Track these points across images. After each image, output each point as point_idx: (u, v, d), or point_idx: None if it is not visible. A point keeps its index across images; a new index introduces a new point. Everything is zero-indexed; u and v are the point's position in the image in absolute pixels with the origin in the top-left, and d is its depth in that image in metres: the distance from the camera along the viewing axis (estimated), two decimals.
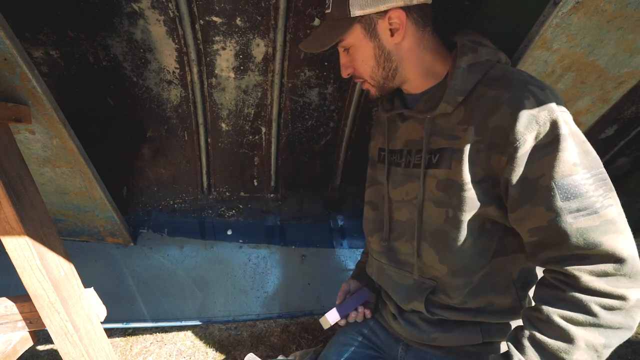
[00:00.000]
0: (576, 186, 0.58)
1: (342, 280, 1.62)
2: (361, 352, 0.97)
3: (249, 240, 1.59)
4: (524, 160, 0.61)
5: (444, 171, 0.72)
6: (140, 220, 1.51)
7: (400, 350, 0.93)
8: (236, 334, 1.78)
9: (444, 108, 0.71)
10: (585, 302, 0.57)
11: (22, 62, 0.79)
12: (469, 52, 0.70)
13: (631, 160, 1.68)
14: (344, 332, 1.03)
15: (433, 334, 0.82)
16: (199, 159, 1.42)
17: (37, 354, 1.62)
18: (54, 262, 0.88)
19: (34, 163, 1.09)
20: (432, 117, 0.74)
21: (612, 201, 0.59)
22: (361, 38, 0.73)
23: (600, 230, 0.57)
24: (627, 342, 1.95)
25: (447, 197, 0.72)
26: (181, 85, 1.20)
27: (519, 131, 0.60)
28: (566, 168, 0.58)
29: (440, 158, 0.73)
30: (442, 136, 0.73)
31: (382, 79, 0.77)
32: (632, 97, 1.31)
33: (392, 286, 0.89)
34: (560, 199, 0.58)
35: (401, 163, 0.83)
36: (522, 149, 0.61)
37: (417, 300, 0.82)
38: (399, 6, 0.69)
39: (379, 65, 0.75)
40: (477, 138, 0.66)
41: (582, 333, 0.57)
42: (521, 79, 0.65)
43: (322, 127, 1.41)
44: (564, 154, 0.58)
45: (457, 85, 0.69)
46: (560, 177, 0.58)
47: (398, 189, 0.84)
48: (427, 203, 0.76)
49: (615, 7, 0.74)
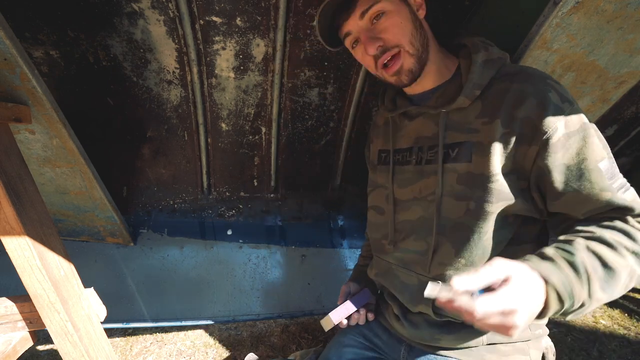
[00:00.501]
0: (610, 167, 0.64)
1: (342, 280, 1.62)
2: (362, 353, 0.96)
3: (249, 240, 1.59)
4: (557, 147, 0.64)
5: (465, 165, 0.72)
6: (140, 220, 1.51)
7: (402, 351, 0.92)
8: (236, 334, 1.78)
9: (462, 102, 0.72)
10: (633, 232, 0.61)
11: (22, 62, 0.79)
12: (482, 49, 0.73)
13: (631, 160, 1.68)
14: (344, 333, 1.03)
15: (437, 334, 0.82)
16: (199, 159, 1.42)
17: (37, 354, 1.62)
18: (54, 262, 0.88)
19: (34, 163, 1.09)
20: (447, 111, 0.75)
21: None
22: (397, 1, 0.73)
23: None
24: (626, 341, 1.95)
25: (469, 190, 0.72)
26: (181, 85, 1.20)
27: (550, 120, 0.63)
28: (599, 152, 0.63)
29: (460, 152, 0.73)
30: (458, 130, 0.74)
31: (421, 46, 0.74)
32: (632, 97, 1.31)
33: (398, 287, 0.88)
34: (608, 178, 0.63)
35: (411, 161, 0.83)
36: (554, 136, 0.64)
37: (424, 302, 0.81)
38: None
39: (416, 30, 0.74)
40: (504, 130, 0.67)
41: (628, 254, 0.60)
42: (539, 74, 0.69)
43: (322, 127, 1.40)
44: (594, 139, 0.64)
45: (475, 79, 0.71)
46: (600, 160, 0.63)
47: (408, 188, 0.84)
48: (446, 198, 0.76)
49: (615, 7, 0.74)
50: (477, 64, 0.72)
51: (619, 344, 1.73)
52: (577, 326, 1.88)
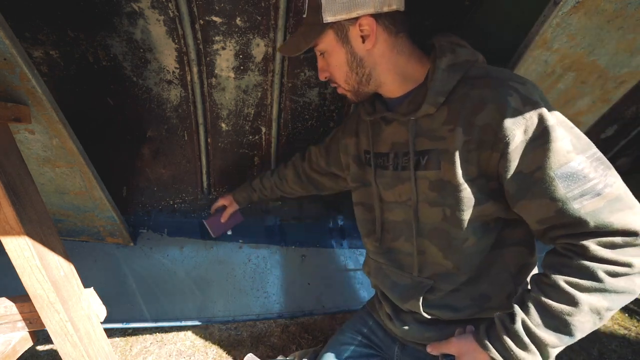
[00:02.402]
0: (575, 172, 0.59)
1: (342, 280, 1.62)
2: (360, 350, 0.98)
3: (249, 240, 1.59)
4: (516, 155, 0.62)
5: (434, 172, 0.73)
6: (140, 220, 1.51)
7: (396, 350, 0.94)
8: (236, 334, 1.78)
9: (426, 109, 0.71)
10: (592, 269, 0.59)
11: (21, 62, 0.79)
12: (447, 52, 0.71)
13: (631, 160, 1.68)
14: (342, 331, 1.04)
15: (426, 332, 0.84)
16: (199, 159, 1.42)
17: (37, 354, 1.62)
18: (53, 262, 0.87)
19: (33, 163, 1.09)
20: (415, 118, 0.75)
21: (613, 179, 0.60)
22: (334, 44, 0.75)
23: (607, 210, 0.58)
24: (627, 342, 1.95)
25: (441, 197, 0.73)
26: (181, 85, 1.20)
27: (507, 127, 0.61)
28: (562, 157, 0.59)
29: (429, 159, 0.74)
30: (428, 137, 0.74)
31: (356, 84, 0.79)
32: (632, 97, 1.31)
33: (388, 286, 0.90)
34: (562, 188, 0.59)
35: (389, 166, 0.84)
36: (512, 144, 0.62)
37: (414, 299, 0.83)
38: (369, 13, 0.70)
39: (352, 71, 0.77)
40: (466, 138, 0.67)
41: (587, 298, 0.59)
42: (502, 77, 0.66)
43: (322, 127, 1.40)
44: (556, 144, 0.59)
45: (438, 87, 0.70)
46: (558, 167, 0.59)
47: (389, 191, 0.85)
48: (422, 204, 0.77)
49: (615, 7, 0.74)
50: (439, 70, 0.70)
51: (619, 344, 1.73)
52: None
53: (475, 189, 0.69)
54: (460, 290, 0.79)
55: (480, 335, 0.69)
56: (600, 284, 0.58)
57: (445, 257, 0.77)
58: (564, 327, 0.61)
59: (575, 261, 0.61)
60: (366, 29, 0.71)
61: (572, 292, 0.60)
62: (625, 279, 0.58)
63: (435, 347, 0.77)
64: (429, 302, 0.82)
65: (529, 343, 0.62)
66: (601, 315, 0.60)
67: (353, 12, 0.69)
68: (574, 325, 0.60)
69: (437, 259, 0.79)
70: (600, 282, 0.58)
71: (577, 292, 0.59)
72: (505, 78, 0.65)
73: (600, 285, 0.58)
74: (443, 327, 0.82)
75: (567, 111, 1.03)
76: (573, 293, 0.59)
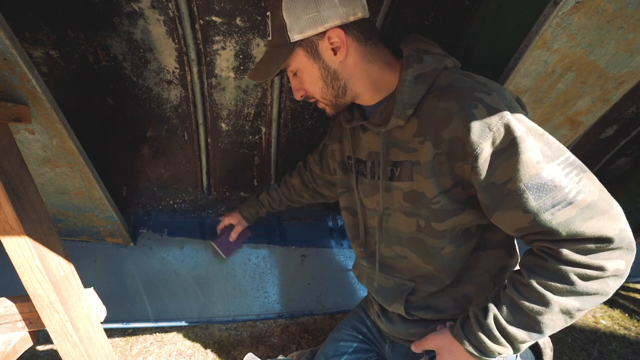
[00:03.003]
0: (545, 183, 0.58)
1: (342, 280, 1.62)
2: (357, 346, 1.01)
3: (249, 240, 1.58)
4: (485, 167, 0.62)
5: (408, 183, 0.73)
6: (140, 220, 1.51)
7: (387, 347, 0.97)
8: (236, 334, 1.78)
9: (395, 122, 0.71)
10: (564, 272, 0.60)
11: (21, 62, 0.79)
12: (414, 62, 0.70)
13: (631, 160, 1.68)
14: (339, 329, 1.07)
15: (411, 329, 0.86)
16: (198, 159, 1.42)
17: (37, 354, 1.62)
18: (53, 262, 0.87)
19: (33, 163, 1.09)
20: (386, 130, 0.74)
21: (586, 182, 0.59)
22: (305, 61, 0.73)
23: (579, 219, 0.57)
24: (627, 342, 1.95)
25: (415, 207, 0.74)
26: (181, 85, 1.19)
27: (474, 140, 0.61)
28: (531, 168, 0.58)
29: (402, 171, 0.74)
30: (400, 148, 0.74)
31: (333, 97, 0.78)
32: (632, 97, 1.31)
33: (374, 288, 0.93)
34: (534, 199, 0.59)
35: (367, 174, 0.84)
36: (481, 157, 0.61)
37: (397, 302, 0.85)
38: (337, 25, 0.69)
39: (327, 85, 0.76)
40: (436, 151, 0.67)
41: (558, 299, 0.60)
42: (467, 87, 0.64)
43: (322, 127, 1.40)
44: (525, 155, 0.58)
45: (405, 99, 0.69)
46: (529, 178, 0.58)
47: (369, 198, 0.86)
48: (397, 213, 0.79)
49: (615, 7, 0.74)
50: (405, 83, 0.69)
51: (620, 344, 1.73)
52: (577, 326, 1.88)
53: (450, 200, 0.69)
54: (444, 292, 0.81)
55: (456, 329, 0.71)
56: (571, 287, 0.59)
57: (425, 262, 0.79)
58: (534, 324, 0.63)
59: (549, 263, 0.61)
60: (336, 40, 0.70)
61: (544, 293, 0.61)
62: (599, 281, 0.59)
63: (417, 345, 0.79)
64: (412, 303, 0.84)
65: (500, 337, 0.65)
66: (572, 314, 0.61)
67: (320, 27, 0.68)
68: (544, 324, 0.62)
69: (417, 263, 0.81)
70: (572, 284, 0.59)
71: (549, 293, 0.60)
72: (469, 88, 0.64)
73: (571, 288, 0.59)
74: (427, 324, 0.84)
75: (567, 111, 1.03)
76: (544, 293, 0.61)
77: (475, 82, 0.66)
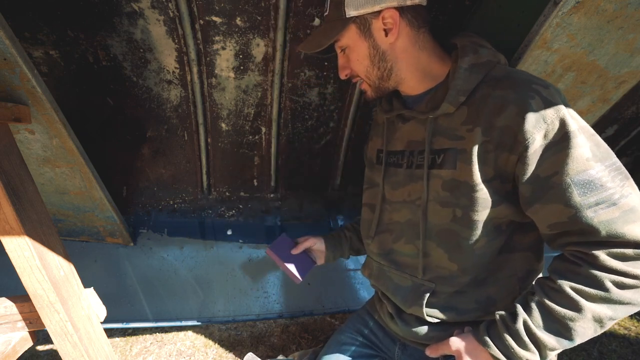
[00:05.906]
0: (592, 180, 0.58)
1: (342, 280, 1.62)
2: (360, 350, 0.97)
3: (249, 240, 1.58)
4: (534, 159, 0.62)
5: (449, 171, 0.72)
6: (140, 220, 1.51)
7: (397, 350, 0.93)
8: (236, 334, 1.78)
9: (446, 108, 0.71)
10: (600, 278, 0.59)
11: (21, 62, 0.79)
12: (470, 52, 0.71)
13: (631, 160, 1.68)
14: (342, 331, 1.04)
15: (430, 333, 0.83)
16: (199, 159, 1.42)
17: (37, 354, 1.62)
18: (53, 262, 0.87)
19: (33, 163, 1.09)
20: (434, 117, 0.74)
21: (630, 189, 0.59)
22: (356, 38, 0.75)
23: (621, 221, 0.57)
24: (627, 342, 1.94)
25: (453, 197, 0.72)
26: (181, 85, 1.19)
27: (527, 130, 0.61)
28: (580, 164, 0.59)
29: (445, 158, 0.73)
30: (446, 136, 0.73)
31: (377, 79, 0.78)
32: (632, 97, 1.31)
33: (391, 288, 0.89)
34: (578, 195, 0.59)
35: (403, 164, 0.83)
36: (531, 147, 0.61)
37: (416, 304, 0.82)
38: (393, 6, 0.70)
39: (373, 65, 0.76)
40: (484, 138, 0.67)
41: (591, 306, 0.59)
42: (525, 79, 0.65)
43: (322, 127, 1.40)
44: (576, 151, 0.59)
45: (459, 86, 0.69)
46: (576, 174, 0.59)
47: (399, 190, 0.84)
48: (432, 203, 0.76)
49: (615, 7, 0.74)
50: (461, 70, 0.69)
51: (620, 344, 1.73)
52: None
53: (491, 191, 0.69)
54: (465, 293, 0.79)
55: (481, 333, 0.69)
56: (606, 294, 0.58)
57: (451, 259, 0.76)
58: (565, 331, 0.61)
59: (584, 269, 0.61)
60: (389, 21, 0.71)
61: (577, 299, 0.60)
62: (633, 291, 0.58)
63: (434, 349, 0.77)
64: (432, 304, 0.81)
65: (529, 343, 0.63)
66: (603, 323, 0.60)
67: (376, 5, 0.70)
68: (575, 331, 0.60)
69: (441, 262, 0.78)
70: (607, 291, 0.58)
71: (582, 299, 0.59)
72: (528, 80, 0.65)
73: (606, 295, 0.58)
74: (447, 327, 0.81)
75: None
76: (578, 299, 0.59)
77: (533, 76, 0.67)
